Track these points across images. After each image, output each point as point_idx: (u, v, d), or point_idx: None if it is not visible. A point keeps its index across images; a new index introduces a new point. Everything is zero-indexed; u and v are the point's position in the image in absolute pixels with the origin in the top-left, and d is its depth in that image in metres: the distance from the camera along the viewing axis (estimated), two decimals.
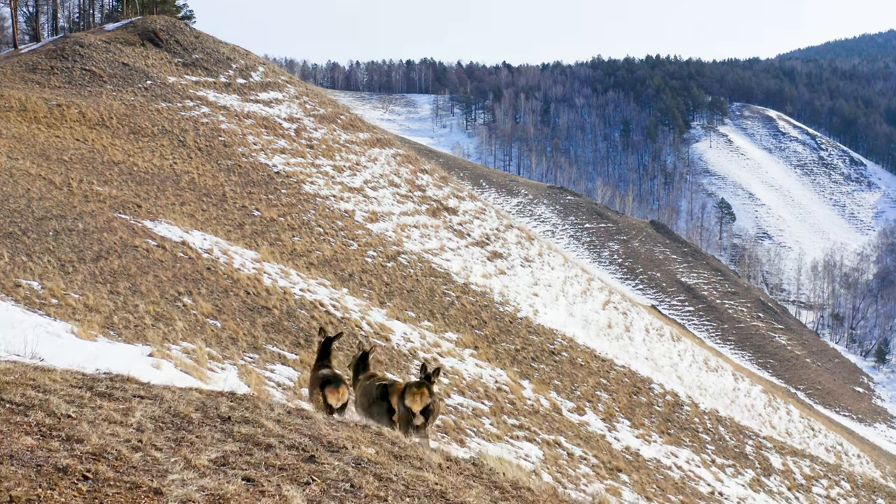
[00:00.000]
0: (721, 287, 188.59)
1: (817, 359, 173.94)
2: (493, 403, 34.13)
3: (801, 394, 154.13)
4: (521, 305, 57.45)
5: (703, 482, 38.04)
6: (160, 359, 20.53)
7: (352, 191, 64.06)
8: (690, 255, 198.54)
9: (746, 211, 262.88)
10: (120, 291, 27.55)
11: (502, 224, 78.67)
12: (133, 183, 46.73)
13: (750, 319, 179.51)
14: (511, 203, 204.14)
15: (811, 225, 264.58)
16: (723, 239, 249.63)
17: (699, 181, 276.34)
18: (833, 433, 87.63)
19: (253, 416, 10.23)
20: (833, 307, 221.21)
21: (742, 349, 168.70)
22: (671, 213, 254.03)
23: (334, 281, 43.76)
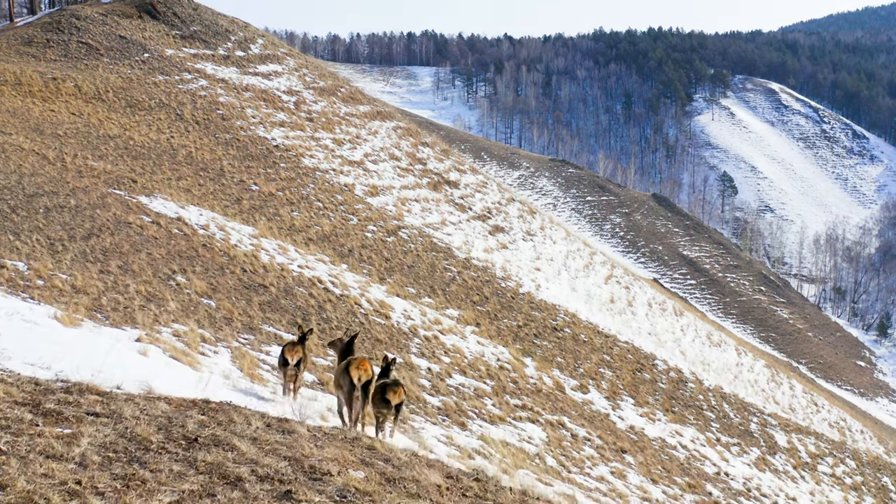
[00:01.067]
0: (723, 260, 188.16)
1: (819, 333, 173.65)
2: (495, 383, 33.43)
3: (804, 368, 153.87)
4: (523, 280, 56.75)
5: (708, 462, 37.42)
6: (148, 344, 19.77)
7: (352, 164, 63.25)
8: (692, 228, 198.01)
9: (748, 184, 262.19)
10: (111, 271, 26.73)
11: (504, 197, 77.91)
12: (129, 157, 45.91)
13: (752, 293, 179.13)
14: (512, 176, 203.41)
15: (813, 198, 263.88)
16: (725, 212, 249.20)
17: (701, 154, 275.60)
18: (836, 408, 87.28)
19: (225, 435, 9.07)
20: (835, 281, 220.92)
21: (744, 323, 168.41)
22: (673, 186, 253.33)
23: (333, 257, 43.00)
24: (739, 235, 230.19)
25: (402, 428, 22.12)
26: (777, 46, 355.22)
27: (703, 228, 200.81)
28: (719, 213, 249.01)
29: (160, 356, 19.00)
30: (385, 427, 17.33)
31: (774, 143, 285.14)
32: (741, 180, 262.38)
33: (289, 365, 19.26)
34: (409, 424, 23.01)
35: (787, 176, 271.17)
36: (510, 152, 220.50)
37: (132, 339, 20.04)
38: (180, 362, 19.23)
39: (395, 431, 17.97)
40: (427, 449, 20.55)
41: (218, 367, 20.26)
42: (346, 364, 17.12)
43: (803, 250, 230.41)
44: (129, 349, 18.53)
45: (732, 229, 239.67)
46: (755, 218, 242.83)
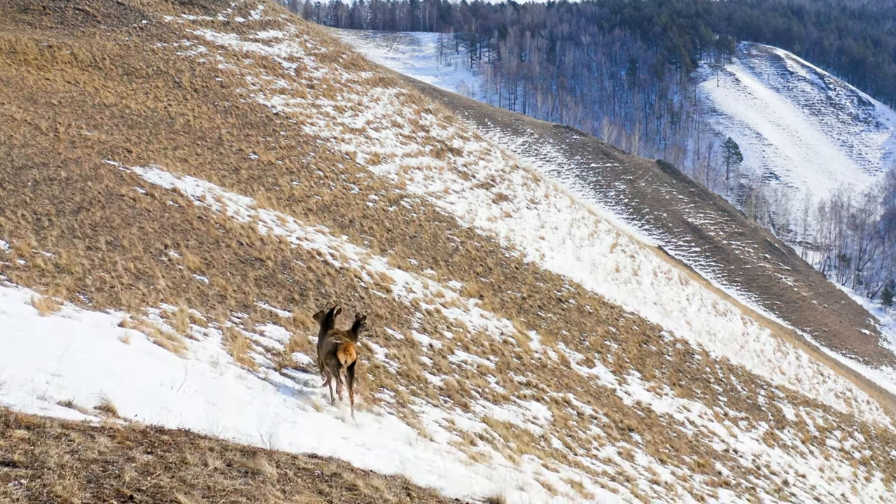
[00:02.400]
0: (728, 228, 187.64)
1: (824, 300, 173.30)
2: (498, 359, 32.58)
3: (808, 336, 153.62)
4: (528, 250, 55.90)
5: (716, 438, 36.68)
6: (130, 329, 18.82)
7: (353, 132, 62.29)
8: (697, 195, 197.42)
9: (753, 151, 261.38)
10: (99, 247, 25.73)
11: (508, 165, 76.97)
12: (124, 127, 44.92)
13: (756, 260, 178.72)
14: (516, 142, 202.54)
15: (818, 165, 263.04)
16: (729, 179, 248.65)
17: (706, 120, 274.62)
18: (842, 378, 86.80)
19: (171, 486, 7.69)
20: (840, 248, 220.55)
21: (749, 290, 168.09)
22: (678, 153, 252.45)
23: (333, 228, 42.08)
24: (744, 202, 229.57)
25: (401, 412, 21.27)
26: (783, 12, 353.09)
27: (708, 195, 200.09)
28: (724, 179, 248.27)
29: (142, 343, 18.07)
30: (343, 393, 19.39)
31: (780, 110, 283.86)
32: (746, 147, 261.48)
33: (342, 367, 19.53)
34: (408, 408, 22.15)
35: (793, 143, 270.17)
36: (514, 119, 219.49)
37: (114, 323, 19.12)
38: (164, 349, 18.29)
39: (356, 397, 19.67)
40: (427, 437, 19.72)
41: (206, 352, 19.35)
42: (335, 347, 19.32)
43: (808, 217, 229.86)
44: (109, 337, 17.57)
45: (737, 196, 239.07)
46: (760, 185, 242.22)
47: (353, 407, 19.10)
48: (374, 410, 20.14)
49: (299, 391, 19.09)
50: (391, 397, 22.56)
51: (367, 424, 18.31)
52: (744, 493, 30.49)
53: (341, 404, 18.80)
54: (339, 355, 19.10)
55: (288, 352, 22.65)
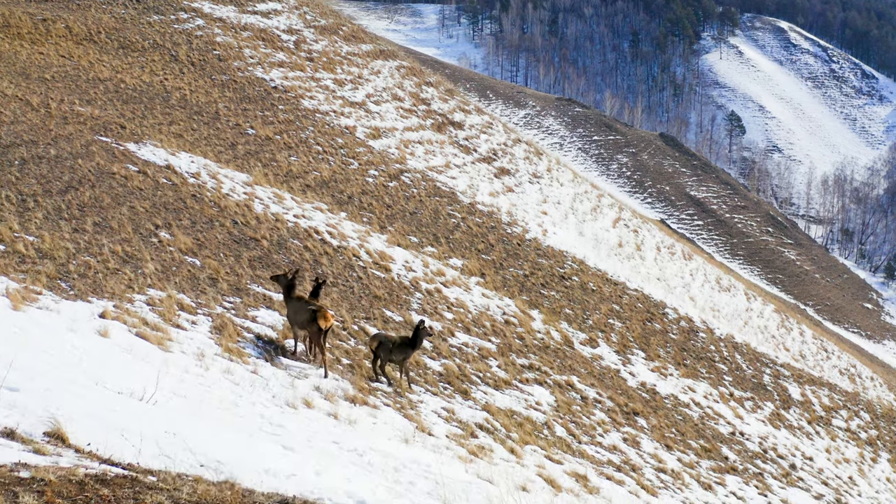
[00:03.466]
0: (730, 201, 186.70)
1: (826, 274, 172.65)
2: (500, 341, 31.83)
3: (811, 310, 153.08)
4: (530, 225, 55.08)
5: (722, 420, 36.00)
6: (112, 320, 17.92)
7: (353, 105, 61.35)
8: (700, 168, 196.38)
9: (756, 124, 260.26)
10: (86, 229, 24.82)
11: (510, 138, 76.02)
12: (119, 102, 43.99)
13: (759, 234, 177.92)
14: (518, 115, 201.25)
15: (821, 138, 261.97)
16: (732, 152, 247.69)
17: (709, 93, 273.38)
18: (846, 354, 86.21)
19: None
20: (843, 222, 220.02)
21: (751, 264, 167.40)
22: (680, 126, 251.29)
23: (332, 205, 41.22)
24: (747, 176, 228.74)
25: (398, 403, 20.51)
26: None
27: (711, 168, 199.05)
28: (727, 152, 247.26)
29: (122, 337, 17.17)
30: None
31: (783, 83, 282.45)
32: (749, 120, 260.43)
33: (322, 333, 20.78)
34: (406, 398, 21.38)
35: (796, 116, 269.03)
36: (516, 91, 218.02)
37: (95, 314, 18.25)
38: (147, 342, 17.42)
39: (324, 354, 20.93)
40: (425, 430, 18.93)
41: (193, 343, 18.50)
42: (314, 314, 20.68)
43: (811, 191, 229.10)
44: (86, 331, 16.65)
45: (740, 169, 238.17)
46: (763, 158, 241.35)
47: (328, 367, 20.92)
48: (370, 402, 19.36)
49: (290, 384, 18.27)
50: (388, 386, 21.80)
51: (361, 420, 17.47)
52: (751, 480, 29.82)
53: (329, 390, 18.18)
54: (320, 322, 20.43)
55: (281, 339, 21.91)
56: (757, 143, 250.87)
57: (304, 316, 20.99)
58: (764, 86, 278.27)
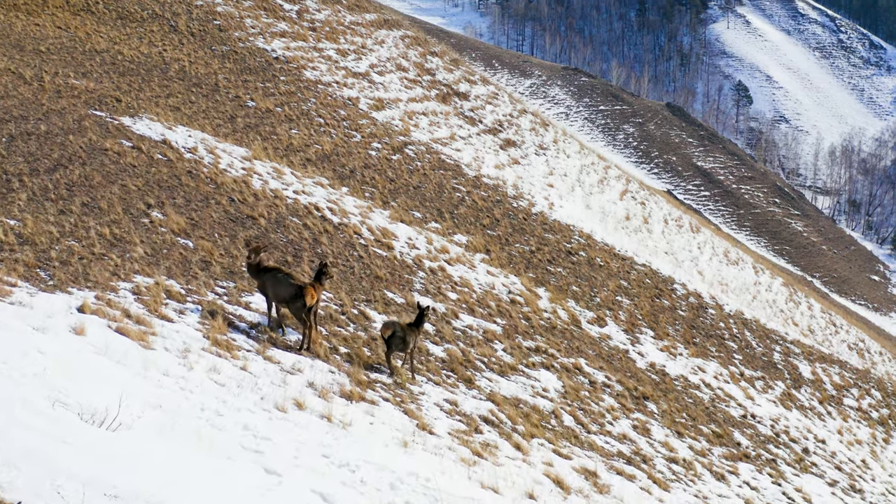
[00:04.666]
0: (737, 172, 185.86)
1: (833, 246, 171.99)
2: (506, 322, 30.89)
3: (817, 282, 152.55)
4: (536, 199, 54.17)
5: (733, 403, 35.11)
6: (90, 315, 16.76)
7: (356, 76, 60.30)
8: (707, 138, 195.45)
9: (763, 94, 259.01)
10: (73, 210, 23.72)
11: (516, 109, 75.04)
12: (115, 74, 42.88)
13: (766, 205, 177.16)
14: (524, 84, 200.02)
15: (829, 109, 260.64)
16: (739, 122, 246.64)
17: (716, 63, 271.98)
18: (854, 329, 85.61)
19: None
20: (850, 193, 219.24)
21: (758, 235, 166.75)
22: (687, 96, 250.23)
23: (333, 179, 40.22)
24: (754, 146, 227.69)
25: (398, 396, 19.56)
26: None
27: (718, 139, 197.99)
28: (734, 123, 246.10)
29: (100, 334, 16.01)
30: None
31: (790, 53, 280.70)
32: (756, 90, 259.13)
33: (307, 309, 20.09)
34: (407, 389, 20.42)
35: (803, 86, 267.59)
36: (522, 60, 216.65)
37: (73, 307, 17.13)
38: (127, 338, 16.26)
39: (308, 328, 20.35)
40: (426, 429, 17.94)
41: (178, 337, 17.39)
42: (301, 288, 19.93)
43: (818, 162, 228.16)
44: (59, 330, 15.51)
45: (747, 140, 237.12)
46: (770, 128, 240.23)
47: (318, 346, 20.54)
48: (367, 397, 18.34)
49: (282, 380, 17.24)
50: (388, 377, 20.84)
51: (357, 421, 16.37)
52: (765, 467, 28.95)
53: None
54: (307, 298, 19.80)
55: (275, 326, 20.93)
56: (764, 114, 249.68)
57: (287, 291, 20.12)
58: (771, 56, 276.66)
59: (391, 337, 20.74)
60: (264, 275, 20.54)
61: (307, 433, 14.53)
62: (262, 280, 20.63)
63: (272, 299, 20.56)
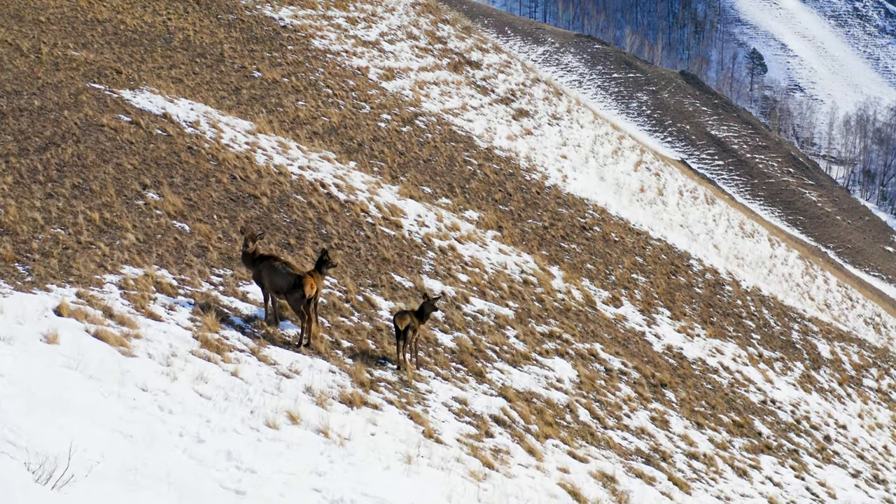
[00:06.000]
0: (751, 141, 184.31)
1: (847, 216, 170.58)
2: (518, 305, 29.74)
3: (831, 253, 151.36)
4: (549, 171, 53.00)
5: (753, 387, 34.04)
6: (67, 317, 15.30)
7: (366, 45, 59.03)
8: (721, 107, 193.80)
9: (778, 62, 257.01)
10: (62, 193, 22.43)
11: (528, 78, 73.72)
12: (117, 45, 41.62)
13: (780, 175, 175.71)
14: (537, 52, 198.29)
15: (844, 78, 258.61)
16: (753, 91, 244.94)
17: (730, 30, 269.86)
18: (870, 303, 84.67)
19: None
20: (864, 163, 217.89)
21: (772, 205, 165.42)
22: (701, 64, 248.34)
23: (340, 154, 39.02)
24: (768, 115, 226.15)
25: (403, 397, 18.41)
26: None
27: (732, 107, 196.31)
28: (748, 91, 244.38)
29: (76, 340, 14.65)
30: None
31: (805, 21, 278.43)
32: (771, 58, 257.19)
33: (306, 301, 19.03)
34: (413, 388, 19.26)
35: (818, 54, 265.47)
36: (535, 27, 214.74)
37: (50, 308, 15.77)
38: (106, 343, 14.95)
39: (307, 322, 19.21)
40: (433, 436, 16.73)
41: (165, 339, 16.01)
42: (299, 278, 18.82)
43: (833, 131, 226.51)
44: (29, 337, 14.13)
45: (761, 108, 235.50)
46: (784, 97, 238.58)
47: (318, 341, 19.47)
48: (370, 400, 17.11)
49: (276, 386, 15.93)
50: (394, 373, 19.66)
51: (357, 434, 14.99)
52: (787, 459, 27.88)
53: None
54: (306, 289, 18.74)
55: (273, 320, 19.72)
56: (778, 82, 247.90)
57: (284, 281, 19.01)
58: (786, 23, 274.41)
59: (407, 328, 19.51)
60: (260, 263, 19.31)
61: (299, 457, 13.09)
62: (257, 269, 19.40)
63: (269, 290, 19.36)
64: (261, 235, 19.74)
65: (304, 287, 18.48)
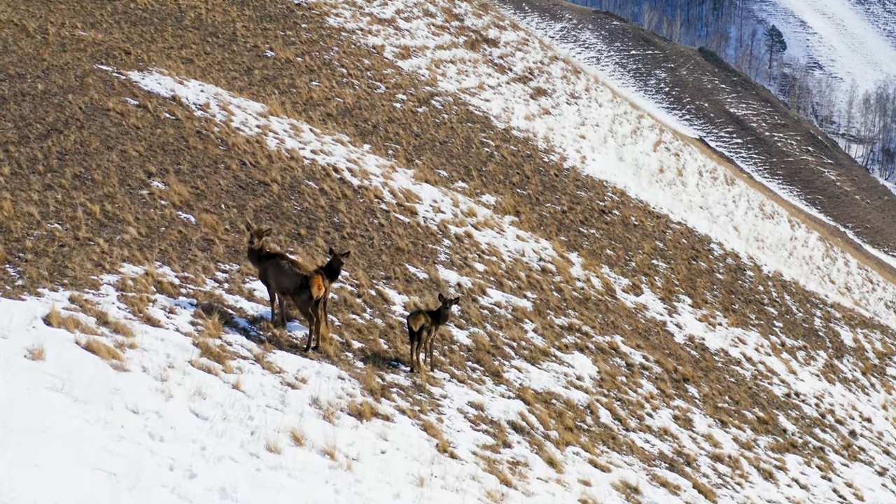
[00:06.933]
0: (770, 119, 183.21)
1: (866, 196, 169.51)
2: (536, 296, 28.85)
3: (850, 232, 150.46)
4: (568, 152, 52.05)
5: (776, 379, 33.16)
6: (57, 327, 14.33)
7: (382, 23, 58.07)
8: (739, 84, 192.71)
9: (797, 39, 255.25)
10: (62, 184, 21.50)
11: (546, 56, 72.72)
12: (126, 24, 40.70)
13: (799, 153, 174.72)
14: (554, 28, 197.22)
15: (864, 56, 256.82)
16: (772, 68, 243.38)
17: (749, 7, 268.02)
18: (891, 286, 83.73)
19: None
20: (884, 142, 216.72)
21: (790, 184, 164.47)
22: (720, 41, 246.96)
23: (354, 136, 38.14)
24: (787, 93, 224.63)
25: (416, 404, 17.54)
26: None
27: (751, 85, 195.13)
28: (767, 69, 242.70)
29: (65, 354, 13.56)
30: None
31: None
32: (790, 35, 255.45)
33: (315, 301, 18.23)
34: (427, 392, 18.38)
35: (837, 32, 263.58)
36: (552, 3, 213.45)
37: (39, 316, 14.63)
38: (97, 356, 13.89)
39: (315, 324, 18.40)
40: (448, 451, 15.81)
41: (162, 348, 14.94)
42: (306, 279, 17.95)
43: (852, 109, 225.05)
44: (12, 353, 12.92)
45: (780, 86, 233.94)
46: (803, 75, 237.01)
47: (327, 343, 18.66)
48: (381, 411, 16.18)
49: (280, 399, 14.94)
50: (407, 376, 18.78)
51: (365, 453, 13.94)
52: (813, 457, 26.99)
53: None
54: (313, 290, 17.89)
55: (279, 321, 18.82)
56: (798, 60, 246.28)
57: (291, 282, 18.21)
58: (805, 0, 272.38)
59: (421, 329, 18.67)
60: (266, 262, 18.41)
61: (302, 489, 11.98)
62: (263, 268, 18.51)
63: (275, 290, 18.51)
64: (268, 231, 18.80)
65: (312, 288, 17.59)
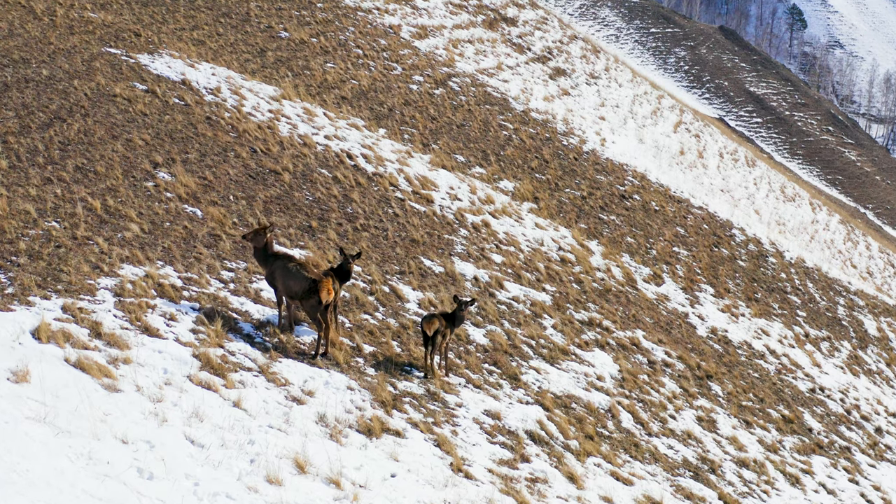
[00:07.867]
0: (790, 98, 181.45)
1: (887, 176, 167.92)
2: (555, 289, 28.02)
3: (870, 213, 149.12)
4: (587, 134, 51.15)
5: (800, 373, 32.36)
6: (46, 342, 13.36)
7: (399, 2, 57.16)
8: (759, 63, 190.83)
9: (818, 18, 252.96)
10: (62, 177, 20.62)
11: (566, 35, 71.83)
12: (137, 4, 39.75)
13: (819, 133, 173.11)
14: (574, 5, 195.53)
15: (885, 35, 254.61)
16: (793, 47, 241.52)
17: None
18: None
19: None
20: None
21: (811, 164, 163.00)
22: (740, 19, 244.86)
23: (369, 120, 37.30)
24: (807, 72, 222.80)
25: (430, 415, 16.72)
26: None
27: (771, 64, 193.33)
28: (787, 47, 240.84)
29: (52, 374, 12.51)
30: None
31: None
32: (810, 14, 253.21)
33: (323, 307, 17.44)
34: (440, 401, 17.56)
35: (858, 10, 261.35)
36: None
37: (27, 330, 13.62)
38: (88, 374, 12.94)
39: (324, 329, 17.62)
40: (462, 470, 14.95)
41: (159, 362, 13.97)
42: (315, 283, 17.20)
43: (873, 89, 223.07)
44: (5, 365, 12.01)
45: (800, 65, 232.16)
46: (824, 54, 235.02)
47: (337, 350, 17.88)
48: (392, 426, 15.31)
49: (285, 417, 13.97)
50: (420, 383, 17.95)
51: (373, 478, 13.02)
52: (839, 458, 26.19)
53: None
54: (322, 294, 17.09)
55: (287, 326, 17.95)
56: (818, 39, 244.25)
57: (298, 286, 17.41)
58: None
59: (435, 333, 17.87)
60: (273, 263, 17.55)
61: None
62: (270, 270, 17.61)
63: (282, 293, 17.67)
64: (271, 228, 17.91)
65: (321, 293, 16.74)
